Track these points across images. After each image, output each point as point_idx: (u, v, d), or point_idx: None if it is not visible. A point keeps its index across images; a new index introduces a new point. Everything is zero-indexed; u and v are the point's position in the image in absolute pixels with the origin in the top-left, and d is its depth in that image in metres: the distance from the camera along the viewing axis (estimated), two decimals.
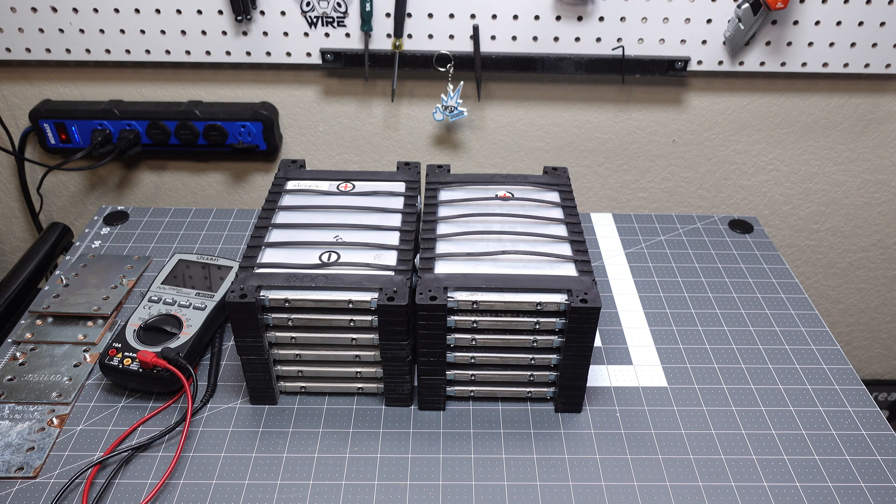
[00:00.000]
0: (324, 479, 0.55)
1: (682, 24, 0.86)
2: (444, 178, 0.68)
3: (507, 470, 0.56)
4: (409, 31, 0.86)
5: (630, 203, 1.06)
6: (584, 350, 0.56)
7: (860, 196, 1.05)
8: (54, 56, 0.88)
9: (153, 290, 0.67)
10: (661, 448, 0.58)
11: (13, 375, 0.63)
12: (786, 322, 0.71)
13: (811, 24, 0.86)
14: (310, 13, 0.85)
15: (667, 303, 0.74)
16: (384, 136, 0.98)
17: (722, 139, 0.99)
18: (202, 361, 0.65)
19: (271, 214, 0.63)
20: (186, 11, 0.85)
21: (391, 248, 0.59)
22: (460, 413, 0.61)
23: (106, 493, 0.54)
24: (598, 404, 0.62)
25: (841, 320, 1.21)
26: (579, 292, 0.54)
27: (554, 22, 0.85)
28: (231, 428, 0.59)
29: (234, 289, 0.54)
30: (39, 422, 0.59)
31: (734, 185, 1.04)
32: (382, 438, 0.59)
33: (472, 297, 0.54)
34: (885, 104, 0.96)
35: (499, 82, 0.93)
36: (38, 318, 0.69)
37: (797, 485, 0.55)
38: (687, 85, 0.94)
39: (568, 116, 0.96)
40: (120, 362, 0.60)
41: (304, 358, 0.59)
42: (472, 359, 0.58)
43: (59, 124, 0.92)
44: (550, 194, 0.66)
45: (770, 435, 0.59)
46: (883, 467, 0.57)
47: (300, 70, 0.92)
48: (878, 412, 0.62)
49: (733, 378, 0.65)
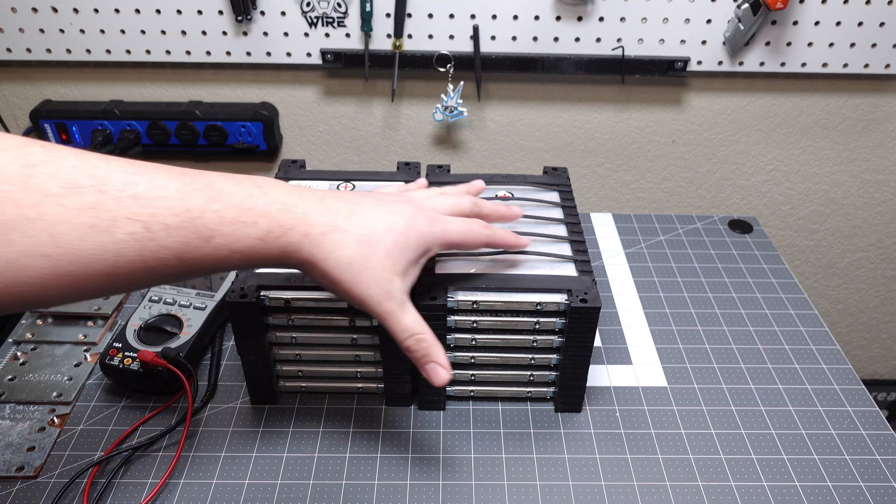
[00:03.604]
0: (324, 479, 0.55)
1: (681, 25, 0.86)
2: (444, 178, 0.68)
3: (507, 469, 0.56)
4: (409, 32, 0.86)
5: (630, 203, 1.06)
6: (584, 350, 0.56)
7: (859, 196, 1.05)
8: (55, 56, 0.89)
9: (153, 290, 0.67)
10: (661, 448, 0.58)
11: (14, 375, 0.63)
12: (785, 322, 0.72)
13: (811, 25, 0.86)
14: (310, 13, 0.85)
15: (666, 303, 0.74)
16: (384, 136, 0.98)
17: (721, 139, 0.99)
18: (202, 361, 0.65)
19: None
20: (187, 12, 0.85)
21: None
22: (460, 413, 0.61)
23: (106, 492, 0.54)
24: (597, 404, 0.62)
25: (840, 320, 1.21)
26: (579, 292, 0.54)
27: (554, 22, 0.85)
28: (231, 428, 0.59)
29: (234, 289, 0.55)
30: (40, 421, 0.59)
31: (734, 186, 1.04)
32: (382, 438, 0.59)
33: (472, 297, 0.54)
34: (884, 104, 0.96)
35: (499, 82, 0.93)
36: (39, 317, 0.69)
37: (797, 484, 0.55)
38: (687, 85, 0.94)
39: (568, 116, 0.96)
40: (120, 362, 0.60)
41: (305, 358, 0.59)
42: (472, 359, 0.58)
43: (60, 124, 0.92)
44: (550, 194, 0.66)
45: (770, 435, 0.59)
46: (882, 467, 0.57)
47: (300, 70, 0.92)
48: (877, 412, 0.62)
49: (733, 378, 0.65)
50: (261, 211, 0.41)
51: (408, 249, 0.46)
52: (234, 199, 0.40)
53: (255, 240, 0.40)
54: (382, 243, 0.45)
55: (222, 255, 0.39)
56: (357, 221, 0.45)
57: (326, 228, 0.43)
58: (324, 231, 0.43)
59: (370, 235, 0.44)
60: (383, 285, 0.44)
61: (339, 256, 0.43)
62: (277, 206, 0.42)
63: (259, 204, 0.41)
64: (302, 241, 0.42)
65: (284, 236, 0.42)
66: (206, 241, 0.38)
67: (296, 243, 0.42)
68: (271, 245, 0.41)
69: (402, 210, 0.47)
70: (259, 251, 0.41)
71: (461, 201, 0.52)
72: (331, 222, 0.43)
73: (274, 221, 0.41)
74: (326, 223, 0.43)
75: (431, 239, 0.48)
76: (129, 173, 0.36)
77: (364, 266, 0.44)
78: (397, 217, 0.46)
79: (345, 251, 0.43)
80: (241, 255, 0.40)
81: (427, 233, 0.47)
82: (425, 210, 0.49)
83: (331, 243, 0.43)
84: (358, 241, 0.44)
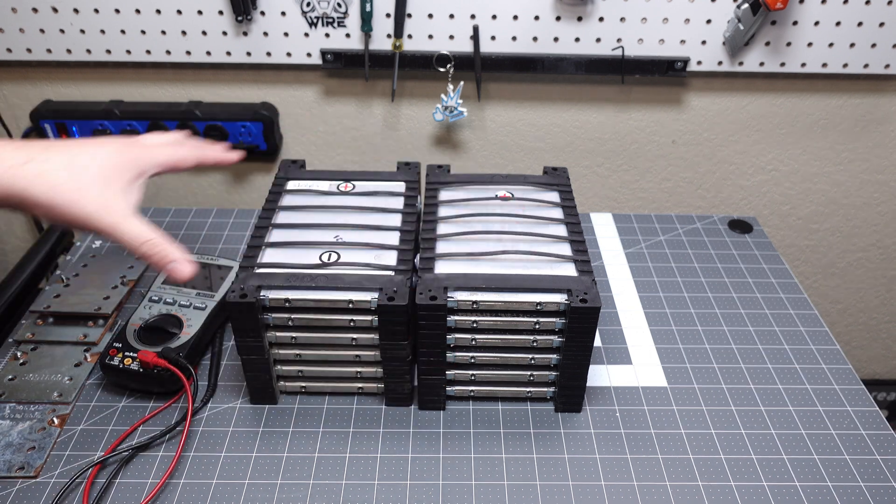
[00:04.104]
0: (324, 479, 0.55)
1: (681, 25, 0.86)
2: (444, 178, 0.68)
3: (507, 469, 0.56)
4: (409, 32, 0.86)
5: (630, 203, 1.06)
6: (584, 350, 0.56)
7: (859, 196, 1.05)
8: (55, 56, 0.89)
9: (154, 290, 0.67)
10: (661, 448, 0.58)
11: (14, 375, 0.63)
12: (785, 322, 0.72)
13: (810, 25, 0.86)
14: (310, 13, 0.85)
15: (666, 303, 0.74)
16: (384, 136, 0.98)
17: (721, 139, 0.99)
18: (202, 361, 0.65)
19: (271, 214, 0.63)
20: (187, 12, 0.85)
21: (391, 248, 0.59)
22: (460, 413, 0.61)
23: (106, 492, 0.54)
24: (597, 404, 0.62)
25: (840, 320, 1.21)
26: (579, 292, 0.54)
27: (554, 22, 0.85)
28: (231, 428, 0.59)
29: (234, 289, 0.55)
30: (40, 421, 0.60)
31: (734, 186, 1.04)
32: (382, 438, 0.59)
33: (472, 297, 0.54)
34: (884, 104, 0.96)
35: (499, 82, 0.93)
36: (39, 317, 0.69)
37: (797, 484, 0.55)
38: (686, 85, 0.94)
39: (568, 116, 0.96)
40: (120, 362, 0.60)
41: (305, 358, 0.59)
42: (472, 359, 0.58)
43: (60, 124, 0.92)
44: (550, 194, 0.66)
45: (769, 435, 0.59)
46: (882, 467, 0.57)
47: (300, 70, 0.92)
48: (877, 412, 0.62)
49: (733, 378, 0.65)
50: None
51: (123, 170, 0.51)
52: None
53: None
54: (91, 168, 0.49)
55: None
56: (55, 154, 0.49)
57: (21, 161, 0.47)
58: (22, 163, 0.47)
59: (77, 162, 0.49)
60: (101, 202, 0.48)
61: (45, 183, 0.47)
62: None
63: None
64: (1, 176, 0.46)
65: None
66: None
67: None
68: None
69: (107, 142, 0.52)
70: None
71: (168, 135, 0.58)
72: (26, 156, 0.47)
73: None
74: (23, 157, 0.47)
75: (144, 162, 0.53)
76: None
77: (76, 187, 0.48)
78: (103, 147, 0.51)
79: (49, 178, 0.47)
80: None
81: (138, 155, 0.52)
82: (133, 141, 0.54)
83: (32, 173, 0.47)
84: (63, 168, 0.48)
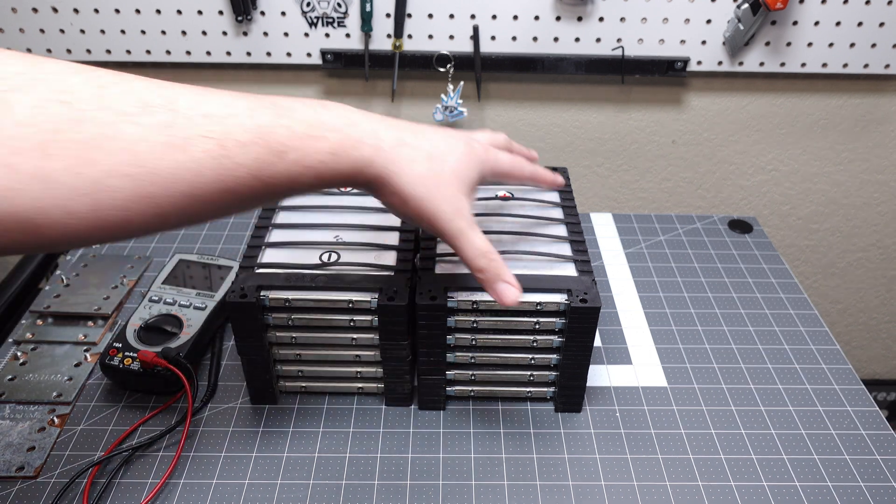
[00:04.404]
0: (324, 479, 0.55)
1: (681, 25, 0.86)
2: None
3: (507, 469, 0.56)
4: (409, 32, 0.86)
5: (630, 203, 1.06)
6: (584, 350, 0.56)
7: (859, 196, 1.05)
8: (55, 56, 0.89)
9: (154, 290, 0.67)
10: (661, 448, 0.58)
11: (14, 375, 0.63)
12: (785, 322, 0.72)
13: (810, 25, 0.86)
14: (310, 13, 0.85)
15: (666, 303, 0.74)
16: None
17: (721, 139, 0.99)
18: (202, 361, 0.65)
19: (271, 214, 0.63)
20: (187, 12, 0.85)
21: (391, 248, 0.59)
22: (460, 413, 0.61)
23: (106, 492, 0.54)
24: (597, 404, 0.62)
25: (840, 320, 1.21)
26: (579, 292, 0.54)
27: (554, 22, 0.85)
28: (231, 428, 0.59)
29: (234, 289, 0.55)
30: (40, 421, 0.59)
31: (733, 186, 1.04)
32: (382, 438, 0.59)
33: (472, 297, 0.54)
34: (883, 104, 0.96)
35: (499, 82, 0.93)
36: (39, 317, 0.69)
37: (797, 484, 0.55)
38: (686, 85, 0.94)
39: (567, 116, 0.96)
40: (120, 362, 0.60)
41: (305, 358, 0.59)
42: (472, 359, 0.58)
43: None
44: (550, 194, 0.66)
45: (769, 435, 0.59)
46: (882, 467, 0.57)
47: (300, 70, 0.92)
48: (877, 412, 0.62)
49: (733, 378, 0.65)
50: (330, 126, 0.41)
51: (470, 170, 0.47)
52: (302, 115, 0.40)
53: (327, 154, 0.40)
54: (449, 162, 0.45)
55: (295, 172, 0.39)
56: (423, 139, 0.45)
57: (395, 142, 0.43)
58: (394, 145, 0.43)
59: (437, 153, 0.45)
60: (454, 202, 0.45)
61: (413, 170, 0.43)
62: (344, 120, 0.42)
63: (326, 120, 0.41)
64: (374, 156, 0.42)
65: (355, 149, 0.42)
66: (279, 157, 0.38)
67: (367, 157, 0.42)
68: (342, 159, 0.41)
69: (458, 136, 0.48)
70: (331, 167, 0.41)
71: (498, 136, 0.55)
72: (399, 137, 0.44)
73: (344, 135, 0.41)
74: (395, 137, 0.44)
75: (486, 166, 0.49)
76: (195, 93, 0.37)
77: (437, 182, 0.44)
78: (455, 141, 0.47)
79: (416, 166, 0.44)
80: (315, 173, 0.40)
81: (484, 159, 0.48)
82: (475, 139, 0.50)
83: (402, 158, 0.43)
84: (428, 157, 0.44)
